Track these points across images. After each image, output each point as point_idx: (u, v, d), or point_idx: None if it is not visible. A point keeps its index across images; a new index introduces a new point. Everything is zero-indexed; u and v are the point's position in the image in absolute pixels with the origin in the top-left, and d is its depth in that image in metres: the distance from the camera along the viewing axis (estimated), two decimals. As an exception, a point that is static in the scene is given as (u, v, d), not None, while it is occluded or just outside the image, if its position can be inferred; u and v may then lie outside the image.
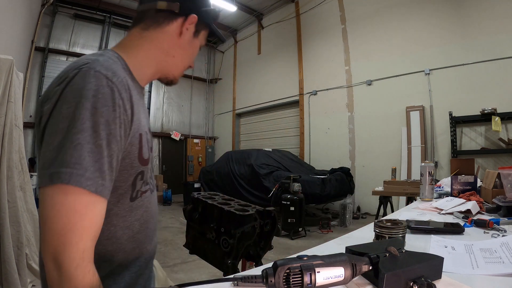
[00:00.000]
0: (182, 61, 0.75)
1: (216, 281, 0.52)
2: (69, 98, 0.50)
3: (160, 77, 0.75)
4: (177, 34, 0.70)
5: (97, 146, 0.49)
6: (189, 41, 0.73)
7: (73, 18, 8.28)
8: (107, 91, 0.52)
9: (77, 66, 0.53)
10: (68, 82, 0.51)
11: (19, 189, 2.46)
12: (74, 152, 0.47)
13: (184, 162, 10.64)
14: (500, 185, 1.39)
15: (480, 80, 4.97)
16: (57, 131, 0.49)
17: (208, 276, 3.01)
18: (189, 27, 0.71)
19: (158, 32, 0.69)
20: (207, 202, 1.35)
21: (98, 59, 0.56)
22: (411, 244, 0.82)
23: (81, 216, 0.48)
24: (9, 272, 2.14)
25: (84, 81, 0.51)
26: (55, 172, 0.47)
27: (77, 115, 0.48)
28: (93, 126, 0.49)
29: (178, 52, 0.72)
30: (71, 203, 0.47)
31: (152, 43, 0.69)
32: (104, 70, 0.54)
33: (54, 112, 0.50)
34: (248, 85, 9.97)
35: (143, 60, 0.69)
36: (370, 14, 6.62)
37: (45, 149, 0.49)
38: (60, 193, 0.47)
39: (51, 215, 0.47)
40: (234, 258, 1.17)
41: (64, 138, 0.48)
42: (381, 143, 6.28)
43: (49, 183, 0.47)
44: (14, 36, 4.79)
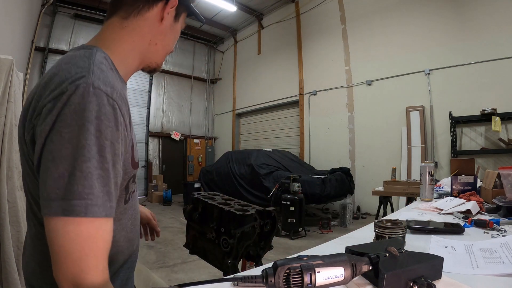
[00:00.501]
0: (164, 48, 0.71)
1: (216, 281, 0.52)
2: (70, 120, 0.46)
3: (144, 67, 0.72)
4: (158, 20, 0.67)
5: (104, 171, 0.48)
6: (170, 26, 0.69)
7: (73, 18, 8.28)
8: (109, 110, 0.49)
9: (72, 80, 0.49)
10: (65, 102, 0.47)
11: (19, 189, 2.46)
12: (86, 182, 0.46)
13: (184, 162, 10.65)
14: (500, 185, 1.39)
15: (480, 80, 4.97)
16: (61, 158, 0.46)
17: (208, 276, 3.01)
18: (170, 11, 0.68)
19: (139, 20, 0.65)
20: (207, 202, 1.35)
21: (92, 69, 0.52)
22: (411, 244, 0.82)
23: (96, 240, 0.48)
24: (9, 272, 2.14)
25: (85, 101, 0.47)
26: (69, 205, 0.45)
27: (82, 141, 0.46)
28: (99, 150, 0.48)
29: (159, 38, 0.69)
30: (84, 231, 0.47)
31: (134, 33, 0.65)
32: (103, 86, 0.50)
33: (53, 135, 0.46)
34: (248, 85, 9.97)
35: (128, 53, 0.65)
36: (370, 14, 6.62)
37: (48, 177, 0.46)
38: (74, 224, 0.46)
39: (66, 244, 0.46)
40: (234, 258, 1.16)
41: (72, 167, 0.46)
42: (381, 143, 6.28)
43: (61, 214, 0.45)
44: (14, 36, 4.79)
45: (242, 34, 10.41)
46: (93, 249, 0.47)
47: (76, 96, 0.47)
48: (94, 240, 0.48)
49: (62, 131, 0.46)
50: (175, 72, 10.54)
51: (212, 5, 8.18)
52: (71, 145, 0.46)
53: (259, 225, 1.20)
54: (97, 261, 0.48)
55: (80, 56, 0.55)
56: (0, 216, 2.16)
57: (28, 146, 0.52)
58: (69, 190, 0.45)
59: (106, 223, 0.50)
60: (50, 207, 0.46)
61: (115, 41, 0.64)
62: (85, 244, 0.47)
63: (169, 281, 2.93)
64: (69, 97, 0.47)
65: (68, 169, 0.46)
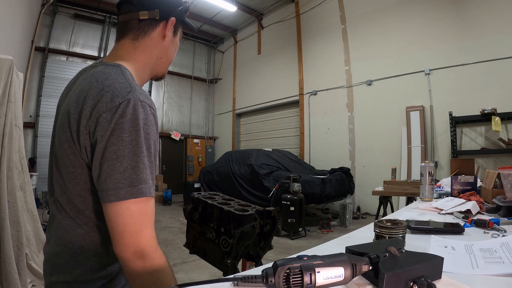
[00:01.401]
0: (168, 59, 0.84)
1: (216, 281, 0.52)
2: (128, 127, 0.60)
3: (152, 77, 0.85)
4: (161, 38, 0.78)
5: (150, 163, 0.63)
6: (171, 40, 0.82)
7: (73, 18, 8.28)
8: (152, 118, 0.65)
9: (123, 96, 0.61)
10: (122, 113, 0.60)
11: (19, 189, 2.46)
12: (147, 171, 0.61)
13: (184, 162, 10.65)
14: (500, 185, 1.39)
15: (480, 80, 4.97)
16: (125, 156, 0.59)
17: (208, 276, 3.01)
18: (170, 28, 0.79)
19: (146, 40, 0.76)
20: (207, 202, 1.34)
21: (133, 86, 0.65)
22: (411, 244, 0.82)
23: (150, 214, 0.63)
24: (9, 272, 2.14)
25: (136, 112, 0.61)
26: (137, 189, 0.59)
27: (140, 142, 0.60)
28: (147, 148, 0.62)
29: (164, 52, 0.81)
30: (144, 208, 0.61)
31: (144, 52, 0.77)
32: (146, 100, 0.65)
33: (113, 139, 0.59)
34: (248, 85, 9.97)
35: (142, 69, 0.78)
36: (370, 14, 6.63)
37: (114, 171, 0.59)
38: (137, 203, 0.60)
39: (130, 221, 0.59)
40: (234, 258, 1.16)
41: (135, 162, 0.60)
42: (381, 143, 6.28)
43: (128, 197, 0.59)
44: (14, 36, 4.79)
45: (242, 34, 10.41)
46: (148, 222, 0.62)
47: (129, 108, 0.61)
48: (149, 214, 0.62)
49: (123, 136, 0.59)
50: (175, 72, 10.54)
51: (212, 5, 8.19)
52: (132, 146, 0.60)
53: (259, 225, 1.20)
54: (151, 230, 0.63)
55: (116, 74, 0.67)
56: (0, 216, 2.16)
57: (83, 149, 0.62)
58: (136, 179, 0.60)
59: (153, 201, 0.65)
60: (118, 194, 0.58)
61: (131, 60, 0.75)
62: (143, 218, 0.61)
63: (169, 281, 2.93)
64: (124, 110, 0.60)
65: (132, 164, 0.59)
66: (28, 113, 7.42)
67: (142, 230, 0.60)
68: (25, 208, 2.57)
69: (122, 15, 0.76)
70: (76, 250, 0.67)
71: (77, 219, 0.67)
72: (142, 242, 0.60)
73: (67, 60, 8.16)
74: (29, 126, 7.38)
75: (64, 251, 0.67)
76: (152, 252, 0.61)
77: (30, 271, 2.49)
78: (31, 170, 5.36)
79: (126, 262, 0.60)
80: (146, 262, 0.60)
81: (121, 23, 0.77)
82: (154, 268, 0.61)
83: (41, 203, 6.55)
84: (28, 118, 7.42)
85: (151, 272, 0.60)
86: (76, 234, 0.67)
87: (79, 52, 8.33)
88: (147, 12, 0.75)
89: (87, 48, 8.50)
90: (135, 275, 0.60)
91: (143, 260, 0.60)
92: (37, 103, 7.57)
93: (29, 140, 7.43)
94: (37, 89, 7.58)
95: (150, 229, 0.62)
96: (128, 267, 0.60)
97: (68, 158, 0.65)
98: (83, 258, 0.67)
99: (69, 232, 0.67)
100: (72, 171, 0.65)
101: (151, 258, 0.60)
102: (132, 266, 0.60)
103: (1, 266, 2.14)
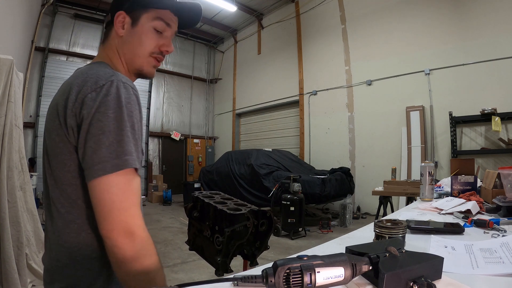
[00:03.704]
0: (135, 53, 0.78)
1: (216, 281, 0.52)
2: (112, 104, 0.61)
3: (134, 74, 0.82)
4: (117, 35, 0.78)
5: (135, 140, 0.64)
6: (129, 33, 0.77)
7: (73, 18, 8.28)
8: (134, 98, 0.66)
9: (106, 78, 0.64)
10: (106, 92, 0.62)
11: (19, 189, 2.46)
12: (131, 144, 0.62)
13: (184, 162, 10.64)
14: (500, 185, 1.40)
15: (480, 80, 4.97)
16: (110, 131, 0.60)
17: (208, 276, 3.01)
18: (124, 23, 0.77)
19: (109, 40, 0.79)
20: (204, 201, 1.36)
21: (117, 73, 0.68)
22: (411, 244, 0.82)
23: (137, 192, 0.63)
24: (9, 272, 2.14)
25: (119, 91, 0.63)
26: (123, 160, 0.60)
27: (123, 118, 0.62)
28: (131, 125, 0.63)
29: (125, 48, 0.78)
30: (130, 183, 0.61)
31: (110, 51, 0.79)
32: (128, 82, 0.67)
33: (99, 115, 0.60)
34: (248, 85, 9.97)
35: (115, 67, 0.78)
36: (370, 14, 6.63)
37: (100, 146, 0.59)
38: (123, 175, 0.60)
39: (118, 197, 0.59)
40: (225, 256, 1.17)
41: (120, 136, 0.61)
42: (381, 143, 6.28)
43: (115, 169, 0.59)
44: (14, 36, 4.79)
45: (242, 34, 10.41)
46: (136, 199, 0.62)
47: (112, 88, 0.63)
48: (135, 191, 0.63)
49: (108, 112, 0.61)
50: (175, 72, 10.54)
51: (212, 5, 8.18)
52: (116, 121, 0.61)
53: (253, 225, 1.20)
54: (138, 209, 0.62)
55: (98, 66, 0.71)
56: (0, 216, 2.16)
57: (71, 130, 0.63)
58: (121, 151, 0.60)
59: (139, 179, 0.65)
60: (105, 168, 0.59)
61: (105, 59, 0.78)
62: (131, 194, 0.61)
63: (169, 281, 2.93)
64: (108, 89, 0.63)
65: (117, 138, 0.60)
66: (28, 113, 7.42)
67: (130, 206, 0.60)
68: (25, 208, 2.57)
69: None
70: (73, 248, 0.65)
71: (69, 215, 0.66)
72: (131, 219, 0.59)
73: (67, 60, 8.16)
74: (29, 126, 7.38)
75: (61, 253, 0.66)
76: (141, 231, 0.60)
77: (30, 271, 2.49)
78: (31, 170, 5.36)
79: (114, 242, 0.58)
80: (135, 242, 0.58)
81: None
82: (143, 250, 0.59)
83: (41, 203, 6.55)
84: (28, 118, 7.42)
85: (140, 255, 0.59)
86: (70, 231, 0.66)
87: (79, 52, 8.33)
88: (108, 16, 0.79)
89: (87, 48, 8.50)
90: (123, 258, 0.58)
91: (132, 239, 0.58)
92: (37, 103, 7.57)
93: (29, 140, 7.43)
94: (37, 89, 7.58)
95: (137, 208, 0.62)
96: (116, 249, 0.58)
97: (58, 146, 0.66)
98: (81, 257, 0.65)
99: (63, 231, 0.66)
100: (61, 159, 0.65)
101: (139, 237, 0.59)
102: (120, 247, 0.58)
103: (1, 266, 2.14)
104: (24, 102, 6.03)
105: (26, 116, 7.27)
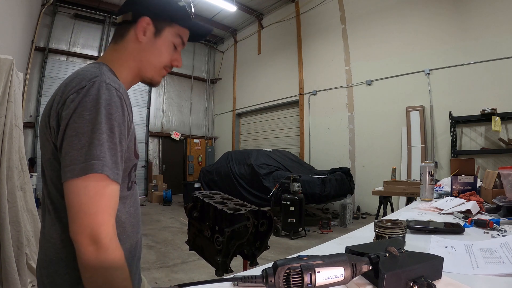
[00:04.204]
0: (150, 62, 0.79)
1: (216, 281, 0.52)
2: (89, 106, 0.60)
3: (140, 80, 0.83)
4: (136, 40, 0.76)
5: (113, 144, 0.61)
6: (150, 42, 0.77)
7: (73, 18, 8.28)
8: (117, 100, 0.63)
9: (89, 79, 0.63)
10: (85, 93, 0.61)
11: (19, 189, 2.46)
12: (101, 148, 0.59)
13: (184, 162, 10.64)
14: (500, 185, 1.40)
15: (480, 80, 4.97)
16: (83, 133, 0.58)
17: (208, 276, 3.01)
18: (146, 29, 0.76)
19: (124, 43, 0.77)
20: (203, 201, 1.36)
21: (103, 72, 0.66)
22: (411, 244, 0.82)
23: (109, 198, 0.60)
24: (9, 272, 2.14)
25: (100, 92, 0.61)
26: (90, 164, 0.57)
27: (98, 120, 0.59)
28: (109, 128, 0.60)
29: (143, 55, 0.78)
30: (101, 189, 0.59)
31: (122, 54, 0.77)
32: (113, 83, 0.64)
33: (75, 117, 0.59)
34: (248, 85, 9.97)
35: (121, 70, 0.76)
36: (370, 14, 6.62)
37: (72, 148, 0.58)
38: (92, 180, 0.58)
39: (85, 201, 0.57)
40: (225, 256, 1.17)
41: (91, 138, 0.58)
42: (381, 143, 6.28)
43: (82, 174, 0.57)
44: (14, 36, 4.79)
45: (242, 34, 10.41)
46: (106, 206, 0.59)
47: (93, 89, 0.61)
48: (107, 197, 0.60)
49: (84, 114, 0.59)
50: (175, 72, 10.54)
51: (212, 5, 8.19)
52: (91, 123, 0.59)
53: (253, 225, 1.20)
54: (109, 216, 0.60)
55: (91, 66, 0.69)
56: (0, 216, 2.16)
57: (52, 131, 0.63)
58: (89, 155, 0.58)
59: (115, 185, 0.62)
60: (73, 171, 0.57)
61: (111, 61, 0.76)
62: (100, 200, 0.58)
63: (169, 281, 2.93)
64: (88, 90, 0.61)
65: (88, 141, 0.58)
66: (28, 113, 7.42)
67: (98, 213, 0.58)
68: (25, 208, 2.57)
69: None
70: (58, 245, 0.66)
71: (56, 213, 0.66)
72: (97, 226, 0.57)
73: (67, 60, 8.16)
74: (29, 126, 7.38)
75: (48, 249, 0.67)
76: (106, 240, 0.58)
77: (30, 271, 2.48)
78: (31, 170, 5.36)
79: (79, 246, 0.57)
80: (99, 250, 0.56)
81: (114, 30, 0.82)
82: (107, 260, 0.57)
83: (41, 203, 6.53)
84: (28, 118, 7.42)
85: (104, 265, 0.57)
86: (57, 228, 0.66)
87: (79, 52, 8.33)
88: (121, 16, 0.77)
89: (87, 48, 8.50)
90: (87, 264, 0.57)
91: (97, 247, 0.56)
92: (37, 103, 7.57)
93: (29, 140, 7.44)
94: (37, 89, 7.58)
95: (108, 215, 0.59)
96: (80, 253, 0.57)
97: (44, 145, 0.66)
98: (65, 255, 0.65)
99: (51, 228, 0.67)
100: (48, 158, 0.66)
101: (105, 246, 0.57)
102: (84, 253, 0.57)
103: (1, 266, 2.14)
104: (24, 102, 6.03)
105: (26, 116, 7.27)
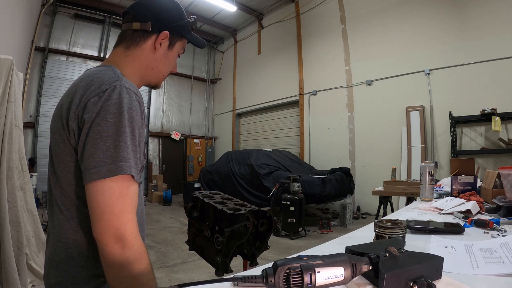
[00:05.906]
0: (160, 71, 0.86)
1: (216, 281, 0.52)
2: (112, 109, 0.62)
3: (145, 84, 0.87)
4: (152, 50, 0.81)
5: (134, 146, 0.64)
6: (164, 54, 0.84)
7: (73, 18, 8.28)
8: (136, 104, 0.67)
9: (109, 82, 0.65)
10: (108, 97, 0.63)
11: (19, 189, 2.46)
12: (128, 151, 0.62)
13: (184, 162, 10.64)
14: (500, 185, 1.39)
15: (480, 80, 4.97)
16: (108, 136, 0.61)
17: (208, 276, 3.01)
18: (162, 42, 0.82)
19: (137, 50, 0.80)
20: (203, 201, 1.36)
21: (121, 77, 0.69)
22: (411, 244, 0.82)
23: (132, 198, 0.63)
24: (9, 272, 2.14)
25: (121, 96, 0.64)
26: (117, 166, 0.60)
27: (123, 123, 0.62)
28: (131, 131, 0.64)
29: (155, 64, 0.83)
30: (125, 189, 0.61)
31: (134, 60, 0.80)
32: (132, 87, 0.68)
33: (98, 120, 0.62)
34: (248, 85, 9.97)
35: (130, 74, 0.79)
36: (370, 14, 6.62)
37: (97, 151, 0.60)
38: (118, 181, 0.60)
39: (110, 202, 0.59)
40: (224, 256, 1.17)
41: (117, 141, 0.61)
42: (381, 143, 6.28)
43: (110, 175, 0.60)
44: (14, 36, 4.79)
45: (242, 34, 10.41)
46: (130, 205, 0.62)
47: (114, 93, 0.64)
48: (130, 197, 0.62)
49: (107, 117, 0.62)
50: (175, 72, 10.54)
51: (212, 5, 8.19)
52: (115, 126, 0.62)
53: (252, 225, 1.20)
54: (133, 215, 0.62)
55: (105, 69, 0.71)
56: (0, 216, 2.16)
57: (71, 132, 0.65)
58: (116, 157, 0.61)
59: (136, 185, 0.65)
60: (99, 172, 0.59)
61: (121, 65, 0.79)
62: (124, 200, 0.61)
63: (169, 281, 2.93)
64: (110, 94, 0.64)
65: (114, 143, 0.61)
66: (28, 113, 7.42)
67: (123, 212, 0.60)
68: (25, 208, 2.57)
69: (123, 24, 0.83)
70: (70, 245, 0.67)
71: (69, 213, 0.68)
72: (122, 225, 0.59)
73: (67, 60, 8.16)
74: (29, 126, 7.38)
75: (59, 248, 0.68)
76: (132, 238, 0.60)
77: (30, 271, 2.49)
78: (31, 170, 5.36)
79: (105, 246, 0.59)
80: (125, 248, 0.59)
81: (122, 31, 0.83)
82: (133, 256, 0.60)
83: (41, 203, 6.55)
84: (28, 118, 7.42)
85: (130, 261, 0.59)
86: (69, 228, 0.67)
87: (79, 52, 8.33)
88: (140, 24, 0.79)
89: (87, 48, 8.50)
90: (112, 263, 0.59)
91: (122, 245, 0.59)
92: (37, 103, 7.57)
93: (29, 140, 7.43)
94: (37, 89, 7.58)
95: (132, 214, 0.62)
96: (106, 252, 0.59)
97: (59, 146, 0.68)
98: (77, 254, 0.67)
99: (63, 227, 0.68)
100: (62, 160, 0.67)
101: (130, 243, 0.60)
102: (110, 251, 0.59)
103: (1, 266, 2.14)
104: (24, 102, 6.03)
105: (26, 116, 7.27)
